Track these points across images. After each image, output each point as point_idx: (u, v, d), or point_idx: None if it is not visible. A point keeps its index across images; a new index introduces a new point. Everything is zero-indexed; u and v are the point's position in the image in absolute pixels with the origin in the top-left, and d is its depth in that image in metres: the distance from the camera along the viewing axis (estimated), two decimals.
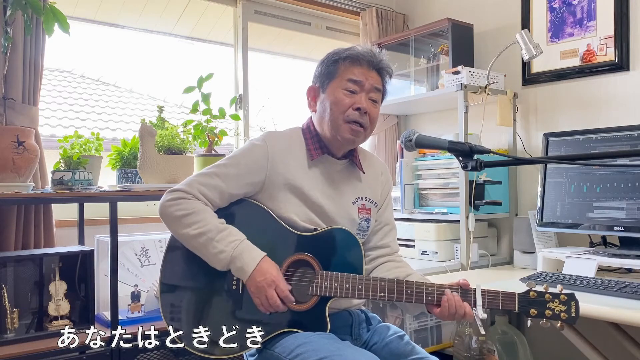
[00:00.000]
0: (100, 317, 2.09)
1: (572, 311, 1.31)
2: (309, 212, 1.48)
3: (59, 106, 3.58)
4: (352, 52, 1.51)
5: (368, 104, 1.49)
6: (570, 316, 1.31)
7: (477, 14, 2.89)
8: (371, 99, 1.50)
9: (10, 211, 2.07)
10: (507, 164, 1.88)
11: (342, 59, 1.50)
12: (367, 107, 1.48)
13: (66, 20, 1.90)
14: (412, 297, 1.37)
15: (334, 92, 1.49)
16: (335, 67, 1.51)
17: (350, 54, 1.51)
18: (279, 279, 1.37)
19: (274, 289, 1.35)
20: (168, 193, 1.44)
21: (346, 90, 1.48)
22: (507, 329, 2.43)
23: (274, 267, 1.38)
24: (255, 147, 1.49)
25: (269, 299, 1.35)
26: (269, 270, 1.36)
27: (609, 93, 2.41)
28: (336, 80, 1.50)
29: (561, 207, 2.18)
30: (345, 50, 1.52)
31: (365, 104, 1.48)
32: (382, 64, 1.53)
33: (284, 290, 1.36)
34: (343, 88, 1.48)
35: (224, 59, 2.98)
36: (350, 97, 1.48)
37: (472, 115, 2.50)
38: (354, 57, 1.50)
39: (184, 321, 1.41)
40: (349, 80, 1.48)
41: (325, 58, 1.55)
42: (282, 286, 1.36)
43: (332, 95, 1.49)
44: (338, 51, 1.53)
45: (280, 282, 1.36)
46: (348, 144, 1.52)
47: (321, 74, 1.54)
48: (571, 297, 1.32)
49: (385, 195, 1.65)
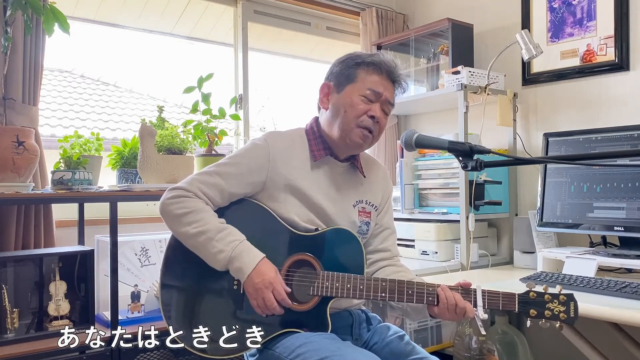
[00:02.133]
0: (100, 317, 2.08)
1: (571, 311, 1.31)
2: (310, 213, 1.48)
3: (59, 106, 3.58)
4: (375, 60, 1.51)
5: (381, 114, 1.50)
6: (570, 316, 1.31)
7: (477, 14, 2.89)
8: (383, 111, 1.52)
9: (10, 211, 2.07)
10: (507, 164, 1.88)
11: (366, 64, 1.50)
12: (380, 116, 1.50)
13: (66, 20, 1.90)
14: (413, 297, 1.37)
15: (351, 95, 1.48)
16: (355, 70, 1.50)
17: (374, 60, 1.51)
18: (276, 281, 1.36)
19: (271, 291, 1.35)
20: (169, 191, 1.44)
21: (364, 97, 1.48)
22: (507, 329, 2.43)
23: (273, 269, 1.38)
24: (256, 146, 1.49)
25: (266, 301, 1.34)
26: (267, 272, 1.36)
27: (609, 93, 2.41)
28: (355, 84, 1.49)
29: (561, 207, 2.18)
30: (369, 56, 1.52)
31: (379, 113, 1.49)
32: (400, 78, 1.54)
33: (281, 292, 1.35)
34: (361, 94, 1.48)
35: (224, 59, 2.98)
36: (366, 104, 1.48)
37: (472, 115, 2.50)
38: (377, 64, 1.50)
39: (184, 321, 1.41)
40: (369, 89, 1.48)
41: (346, 58, 1.54)
42: (279, 288, 1.35)
43: (348, 97, 1.49)
44: (361, 55, 1.54)
45: (277, 284, 1.36)
46: (355, 147, 1.52)
47: (339, 74, 1.53)
48: (570, 297, 1.32)
49: (386, 199, 1.65)
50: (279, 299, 1.35)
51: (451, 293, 1.37)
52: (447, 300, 1.36)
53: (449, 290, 1.37)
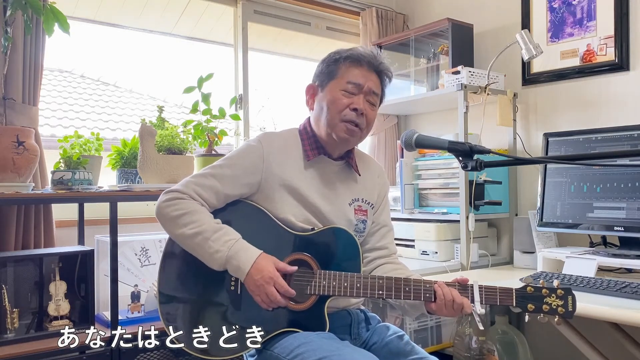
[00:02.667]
0: (100, 317, 2.08)
1: (569, 305, 1.31)
2: (306, 213, 1.48)
3: (59, 106, 3.58)
4: (353, 53, 1.51)
5: (365, 106, 1.49)
6: (568, 310, 1.31)
7: (477, 14, 2.89)
8: (369, 102, 1.51)
9: (10, 211, 2.07)
10: (507, 164, 1.88)
11: (343, 59, 1.50)
12: (364, 108, 1.49)
13: (66, 20, 1.90)
14: (410, 294, 1.38)
15: (332, 91, 1.49)
16: (335, 66, 1.51)
17: (352, 54, 1.51)
18: (276, 274, 1.37)
19: (272, 285, 1.35)
20: (164, 194, 1.45)
21: (345, 91, 1.48)
22: (507, 329, 2.43)
23: (271, 263, 1.38)
24: (250, 148, 1.50)
25: (269, 295, 1.35)
26: (266, 267, 1.36)
27: (609, 93, 2.41)
28: (336, 80, 1.50)
29: (561, 207, 2.18)
30: (347, 51, 1.52)
31: (362, 105, 1.48)
32: (382, 67, 1.53)
33: (282, 285, 1.36)
34: (342, 89, 1.48)
35: (224, 59, 2.98)
36: (348, 98, 1.48)
37: (472, 115, 2.50)
38: (355, 58, 1.50)
39: (183, 323, 1.41)
40: (349, 82, 1.48)
41: (327, 57, 1.55)
42: (280, 281, 1.36)
43: (330, 94, 1.49)
44: (339, 51, 1.53)
45: (277, 277, 1.36)
46: (343, 143, 1.52)
47: (321, 73, 1.54)
48: (568, 291, 1.33)
49: (382, 197, 1.65)
50: (281, 292, 1.36)
51: (448, 289, 1.37)
52: (444, 297, 1.36)
53: (446, 287, 1.37)
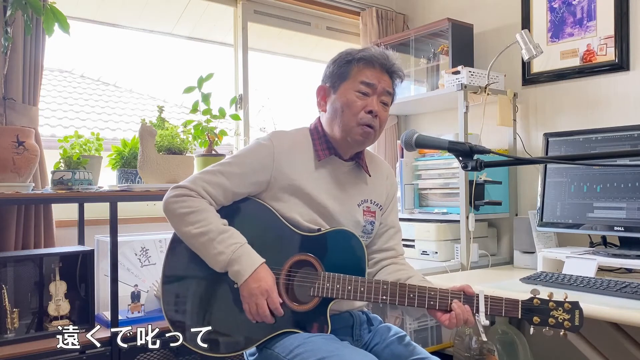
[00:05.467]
0: (100, 317, 2.08)
1: (575, 320, 1.30)
2: (313, 213, 1.47)
3: (59, 106, 3.58)
4: (365, 54, 1.49)
5: (379, 107, 1.48)
6: (574, 325, 1.29)
7: (477, 14, 2.89)
8: (382, 102, 1.50)
9: (10, 211, 2.07)
10: (507, 164, 1.88)
11: (356, 60, 1.49)
12: (379, 110, 1.48)
13: (66, 20, 1.89)
14: (415, 301, 1.36)
15: (346, 93, 1.48)
16: (348, 67, 1.49)
17: (364, 55, 1.49)
18: (272, 289, 1.36)
19: (265, 298, 1.35)
20: (172, 189, 1.43)
21: (359, 92, 1.47)
22: (507, 329, 2.43)
23: (270, 276, 1.38)
24: (261, 146, 1.48)
25: (259, 307, 1.34)
26: (264, 278, 1.36)
27: (609, 93, 2.41)
28: (349, 81, 1.48)
29: (561, 207, 2.18)
30: (359, 52, 1.50)
31: (377, 107, 1.47)
32: (394, 68, 1.52)
33: (275, 301, 1.35)
34: (355, 90, 1.47)
35: (224, 59, 2.98)
36: (362, 100, 1.47)
37: (472, 115, 2.50)
38: (368, 59, 1.48)
39: (185, 319, 1.41)
40: (362, 82, 1.47)
41: (338, 57, 1.53)
42: (274, 297, 1.35)
43: (344, 96, 1.48)
44: (351, 51, 1.52)
45: (273, 292, 1.35)
46: (357, 145, 1.52)
47: (333, 74, 1.52)
48: (575, 305, 1.30)
49: (391, 198, 1.65)
50: (272, 308, 1.35)
51: (465, 309, 1.34)
52: (455, 317, 1.34)
53: (463, 306, 1.35)
